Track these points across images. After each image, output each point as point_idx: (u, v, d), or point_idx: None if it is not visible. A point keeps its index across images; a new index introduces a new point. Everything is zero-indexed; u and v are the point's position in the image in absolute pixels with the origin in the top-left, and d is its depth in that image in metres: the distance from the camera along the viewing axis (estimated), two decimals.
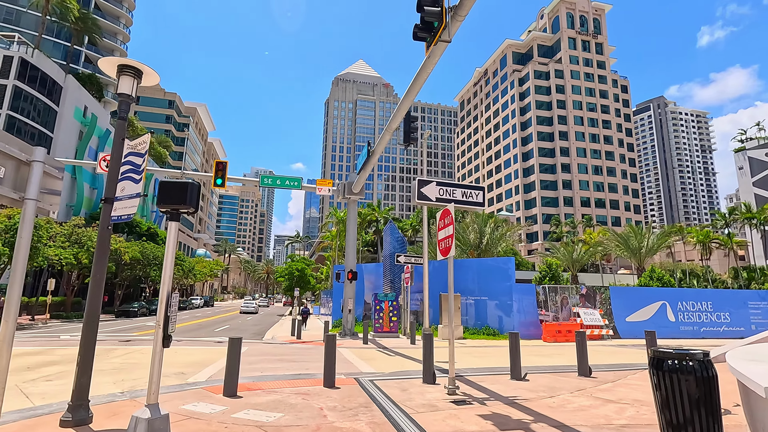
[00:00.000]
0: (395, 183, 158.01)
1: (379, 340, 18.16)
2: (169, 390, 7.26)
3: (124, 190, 5.67)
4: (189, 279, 65.95)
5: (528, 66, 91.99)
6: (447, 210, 7.68)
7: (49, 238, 30.04)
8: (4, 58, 41.16)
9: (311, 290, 65.82)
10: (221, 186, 18.82)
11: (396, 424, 5.37)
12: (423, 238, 20.29)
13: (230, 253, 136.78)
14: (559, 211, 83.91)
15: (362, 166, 18.01)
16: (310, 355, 13.00)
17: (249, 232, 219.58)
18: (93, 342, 5.59)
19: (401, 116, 12.05)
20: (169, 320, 4.91)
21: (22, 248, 3.88)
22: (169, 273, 5.03)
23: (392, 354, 13.57)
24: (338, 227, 53.22)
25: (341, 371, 9.31)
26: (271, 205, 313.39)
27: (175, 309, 5.06)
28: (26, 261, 3.94)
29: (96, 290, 5.59)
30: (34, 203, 3.97)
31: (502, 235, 26.81)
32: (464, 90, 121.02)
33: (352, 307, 20.20)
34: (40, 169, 4.05)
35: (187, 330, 24.17)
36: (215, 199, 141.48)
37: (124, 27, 72.61)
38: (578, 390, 7.57)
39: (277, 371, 9.65)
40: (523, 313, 19.79)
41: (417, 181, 7.80)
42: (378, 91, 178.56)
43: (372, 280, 27.05)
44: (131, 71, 6.08)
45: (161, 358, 4.87)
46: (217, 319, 35.91)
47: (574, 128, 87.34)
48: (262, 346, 16.10)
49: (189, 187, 5.20)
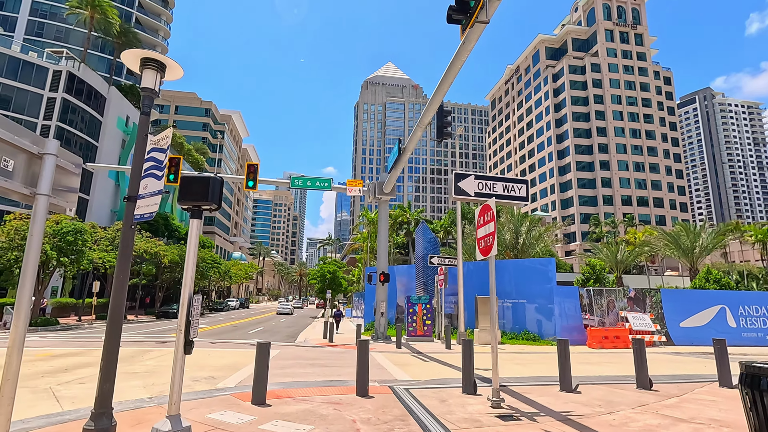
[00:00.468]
0: (425, 184, 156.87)
1: (413, 345, 17.58)
2: (197, 396, 7.01)
3: (147, 187, 5.42)
4: (225, 281, 67.61)
5: (562, 61, 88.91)
6: (487, 205, 7.05)
7: (93, 243, 31.34)
8: (54, 73, 43.58)
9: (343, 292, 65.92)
10: (253, 188, 18.86)
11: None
12: (457, 239, 19.58)
13: (264, 256, 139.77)
14: (598, 210, 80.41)
15: (393, 165, 17.53)
16: (343, 360, 12.60)
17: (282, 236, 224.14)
18: (116, 347, 5.34)
19: (434, 110, 11.48)
20: (190, 325, 4.58)
21: (33, 247, 3.61)
22: (190, 274, 4.72)
23: (427, 359, 12.97)
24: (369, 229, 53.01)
25: (374, 378, 8.83)
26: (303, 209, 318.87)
27: (197, 312, 4.73)
28: (37, 260, 3.67)
29: (119, 292, 5.35)
30: (46, 199, 3.71)
31: (539, 234, 25.53)
32: (495, 88, 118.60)
33: (384, 310, 19.72)
34: (52, 163, 3.79)
35: (223, 332, 24.44)
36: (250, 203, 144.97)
37: (163, 39, 75.63)
38: (640, 406, 6.73)
39: (308, 377, 9.28)
40: (565, 318, 18.67)
41: (454, 174, 7.23)
42: (407, 92, 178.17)
43: (404, 282, 26.49)
44: (154, 64, 5.85)
45: (183, 366, 4.54)
46: (252, 321, 36.36)
47: (613, 124, 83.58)
48: (294, 349, 15.88)
49: (211, 182, 4.88)
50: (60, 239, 26.13)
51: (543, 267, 19.58)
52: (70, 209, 4.36)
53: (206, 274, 49.65)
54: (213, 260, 53.32)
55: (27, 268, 3.59)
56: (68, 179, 4.27)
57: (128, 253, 5.51)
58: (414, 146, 14.79)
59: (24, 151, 3.67)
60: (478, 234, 7.42)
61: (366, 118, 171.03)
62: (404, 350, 15.52)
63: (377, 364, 11.32)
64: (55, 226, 26.91)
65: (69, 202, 4.26)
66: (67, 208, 4.29)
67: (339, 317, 25.10)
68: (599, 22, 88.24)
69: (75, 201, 4.35)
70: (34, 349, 13.66)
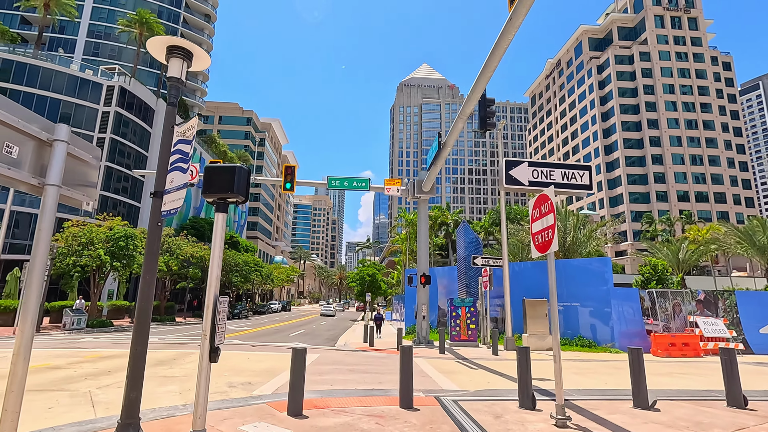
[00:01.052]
0: (464, 185, 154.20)
1: (457, 350, 16.71)
2: (232, 404, 6.63)
3: (173, 181, 5.07)
4: (268, 284, 69.11)
5: (607, 51, 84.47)
6: (544, 195, 6.23)
7: (143, 248, 32.67)
8: (107, 89, 46.25)
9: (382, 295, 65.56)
10: (290, 190, 18.75)
11: None
12: (501, 237, 18.53)
13: (305, 260, 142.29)
14: (651, 207, 75.50)
15: (432, 161, 16.80)
16: (384, 366, 12.00)
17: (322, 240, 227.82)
18: (143, 351, 5.00)
19: (476, 98, 10.69)
20: (216, 330, 4.13)
21: (41, 244, 3.26)
22: (215, 274, 4.28)
23: (474, 366, 12.11)
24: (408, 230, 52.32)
25: (419, 387, 8.17)
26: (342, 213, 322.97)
27: (223, 316, 4.28)
28: (46, 257, 3.32)
29: (146, 293, 5.02)
30: (56, 190, 3.35)
31: (590, 233, 23.72)
32: (535, 84, 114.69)
33: (426, 314, 18.97)
34: (63, 150, 3.44)
35: (264, 334, 24.56)
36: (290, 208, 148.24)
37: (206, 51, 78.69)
38: (738, 430, 5.66)
39: (347, 384, 8.75)
40: (624, 322, 17.13)
41: (504, 162, 6.47)
42: (443, 93, 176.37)
43: (445, 284, 25.59)
44: (180, 53, 5.51)
45: (208, 375, 4.10)
46: (293, 324, 36.60)
47: (665, 115, 78.33)
48: (334, 353, 15.47)
49: (237, 172, 4.43)
50: (113, 244, 27.33)
51: (598, 267, 18.10)
52: (88, 203, 4.02)
53: (249, 277, 50.77)
54: (255, 264, 54.52)
55: (34, 265, 3.24)
56: (85, 171, 3.93)
57: (155, 251, 5.18)
58: (454, 140, 14.02)
59: (31, 137, 3.33)
60: (532, 229, 6.60)
61: (402, 120, 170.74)
62: (448, 356, 14.72)
63: (420, 371, 10.64)
64: (108, 232, 28.21)
65: (86, 196, 3.92)
66: (85, 202, 3.95)
67: (380, 321, 24.48)
68: (648, 8, 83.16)
69: (95, 195, 4.01)
70: (85, 351, 14.05)
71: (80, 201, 3.84)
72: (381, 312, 25.82)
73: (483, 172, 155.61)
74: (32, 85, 42.45)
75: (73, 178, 3.73)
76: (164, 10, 71.02)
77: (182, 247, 36.64)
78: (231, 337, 22.06)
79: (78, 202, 3.84)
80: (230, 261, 46.21)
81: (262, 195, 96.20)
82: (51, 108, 42.92)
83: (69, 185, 3.66)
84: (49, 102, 42.90)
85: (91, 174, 3.96)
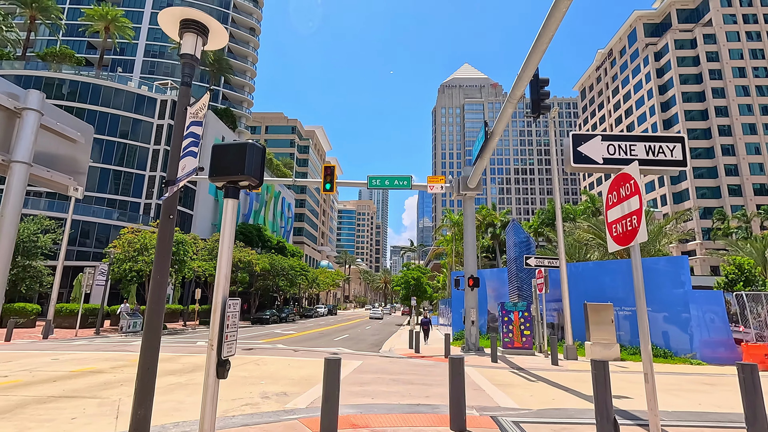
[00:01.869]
0: (509, 185, 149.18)
1: (511, 358, 15.36)
2: (262, 419, 5.96)
3: (185, 167, 4.47)
4: (314, 288, 69.90)
5: (666, 36, 78.45)
6: (624, 175, 5.05)
7: (194, 253, 33.73)
8: (161, 102, 48.77)
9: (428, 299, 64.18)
10: (330, 191, 18.25)
11: None
12: (557, 236, 16.96)
13: (350, 264, 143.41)
14: (722, 202, 68.85)
15: (478, 154, 15.62)
16: (431, 376, 11.01)
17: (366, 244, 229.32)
18: (153, 362, 4.41)
19: (528, 78, 9.52)
20: (224, 339, 3.40)
21: (4, 233, 2.67)
22: (224, 272, 3.57)
23: (532, 378, 10.83)
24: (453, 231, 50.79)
25: (472, 403, 7.14)
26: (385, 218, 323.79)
27: (233, 322, 3.55)
28: (9, 249, 2.73)
29: (157, 295, 4.43)
30: (24, 168, 2.77)
31: (659, 229, 21.24)
32: (584, 77, 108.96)
33: (475, 318, 17.73)
34: (34, 121, 2.85)
35: (308, 338, 24.26)
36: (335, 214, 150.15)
37: (251, 64, 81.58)
38: None
39: (390, 398, 7.86)
40: (706, 329, 15.00)
41: (572, 136, 5.37)
42: (486, 92, 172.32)
43: (495, 287, 24.11)
44: (195, 27, 4.93)
45: (215, 394, 3.37)
46: (338, 328, 36.30)
47: (736, 101, 71.36)
48: (377, 360, 14.66)
49: (248, 150, 3.71)
50: (151, 253, 28.28)
51: (672, 267, 16.04)
52: (77, 189, 3.44)
53: (295, 282, 51.37)
54: (301, 268, 55.16)
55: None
56: (70, 149, 3.35)
57: (167, 249, 4.59)
58: (503, 128, 12.81)
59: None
60: (608, 217, 5.43)
61: (444, 122, 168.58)
62: (501, 365, 13.46)
63: (472, 382, 9.55)
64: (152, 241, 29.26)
65: (73, 180, 3.35)
66: (72, 187, 3.34)
67: (427, 326, 23.32)
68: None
69: (83, 179, 3.41)
70: (131, 354, 14.16)
71: (65, 185, 3.25)
72: (428, 316, 24.67)
73: (530, 171, 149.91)
74: (95, 103, 45.48)
75: (53, 157, 3.15)
76: None
77: None
78: (275, 341, 21.89)
79: (63, 187, 3.25)
80: (277, 265, 46.92)
81: (307, 201, 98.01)
82: (112, 123, 45.77)
83: (46, 165, 3.07)
84: (110, 117, 45.76)
85: (78, 154, 3.38)
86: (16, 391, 7.72)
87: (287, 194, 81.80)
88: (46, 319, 22.10)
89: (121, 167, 45.20)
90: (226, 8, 76.52)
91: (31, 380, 8.94)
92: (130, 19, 57.14)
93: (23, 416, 5.98)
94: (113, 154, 45.11)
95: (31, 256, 27.25)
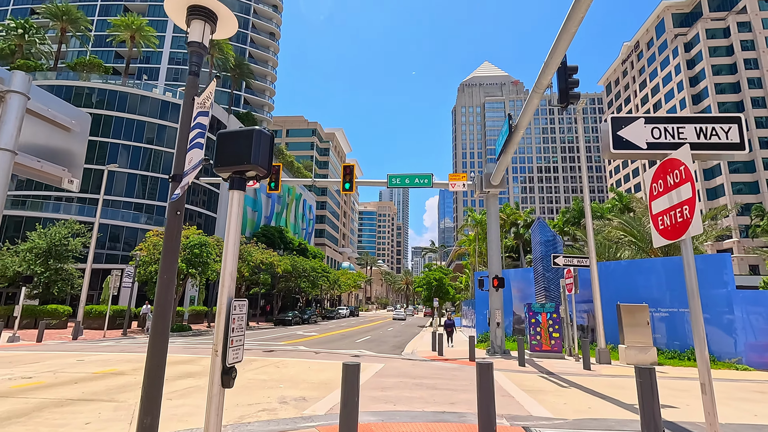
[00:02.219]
0: (533, 185, 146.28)
1: (539, 362, 14.70)
2: (278, 427, 5.67)
3: (192, 160, 4.19)
4: (335, 290, 70.01)
5: (696, 26, 75.32)
6: (672, 161, 4.52)
7: (217, 255, 34.10)
8: None
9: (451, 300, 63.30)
10: (350, 190, 18.00)
11: None
12: (587, 233, 16.19)
13: (371, 266, 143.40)
14: (761, 198, 65.46)
15: (502, 149, 15.03)
16: (456, 380, 10.54)
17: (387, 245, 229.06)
18: (160, 366, 4.14)
19: (555, 64, 8.97)
20: (229, 344, 3.08)
21: None
22: (229, 270, 3.25)
23: (564, 384, 10.22)
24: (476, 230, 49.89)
25: (501, 411, 6.67)
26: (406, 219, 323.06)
27: (240, 325, 3.23)
28: None
29: (164, 296, 4.17)
30: (8, 156, 2.52)
31: None
32: (610, 71, 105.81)
33: (501, 320, 17.12)
34: (19, 105, 2.61)
35: (330, 340, 24.06)
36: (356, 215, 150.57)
37: (272, 68, 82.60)
38: None
39: (413, 404, 7.46)
40: (753, 332, 13.97)
41: (610, 119, 4.87)
42: (506, 90, 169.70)
43: (520, 287, 23.36)
44: (203, 13, 4.69)
45: (220, 405, 3.05)
46: (360, 329, 36.05)
47: None
48: (399, 363, 14.26)
49: (255, 137, 3.38)
50: (188, 252, 28.64)
51: (712, 266, 15.04)
52: (71, 181, 3.20)
53: (317, 283, 51.47)
54: (323, 269, 55.27)
55: None
56: (64, 138, 3.10)
57: (175, 247, 4.34)
58: (528, 120, 12.21)
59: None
60: (652, 209, 4.88)
61: (464, 121, 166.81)
62: (530, 369, 12.85)
63: (499, 387, 9.05)
64: (184, 241, 29.67)
65: (67, 171, 3.10)
66: (66, 179, 3.10)
67: (451, 328, 22.73)
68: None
69: (78, 171, 3.15)
70: None
71: (58, 177, 3.01)
72: (452, 318, 24.08)
73: (554, 169, 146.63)
74: (122, 110, 46.75)
75: (44, 145, 2.91)
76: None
77: (252, 254, 37.82)
78: (297, 342, 21.77)
79: (56, 179, 3.01)
80: (298, 267, 47.11)
81: (328, 203, 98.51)
82: (138, 129, 46.96)
83: (36, 154, 2.83)
84: (136, 124, 46.95)
85: (73, 143, 3.13)
86: (36, 393, 7.69)
87: (308, 196, 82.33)
88: (76, 320, 22.63)
89: (148, 172, 46.28)
90: (246, 14, 77.77)
91: (54, 381, 8.95)
92: (154, 28, 58.60)
93: (38, 420, 5.87)
94: (140, 159, 46.25)
95: (62, 260, 28.05)
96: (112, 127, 45.70)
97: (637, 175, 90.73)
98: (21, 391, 7.86)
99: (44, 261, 26.99)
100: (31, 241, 27.34)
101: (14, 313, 20.54)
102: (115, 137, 45.54)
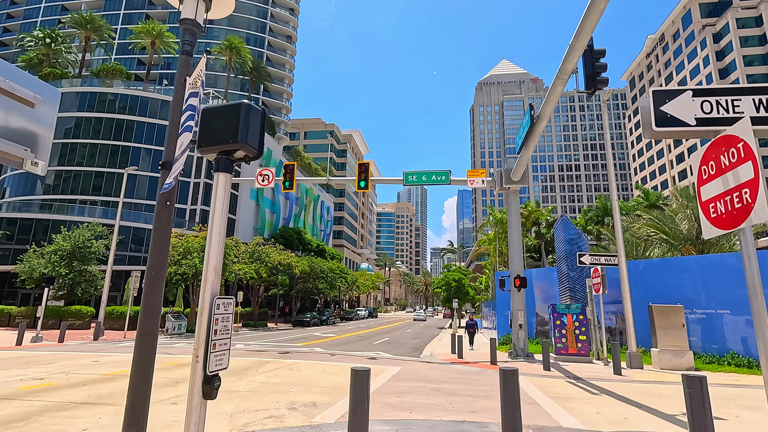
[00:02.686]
0: (553, 183, 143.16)
1: (565, 366, 13.95)
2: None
3: (182, 145, 3.83)
4: (353, 291, 69.80)
5: (726, 15, 72.28)
6: (727, 138, 3.90)
7: (235, 256, 34.24)
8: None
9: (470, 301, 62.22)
10: (365, 188, 17.60)
11: None
12: (615, 229, 15.34)
13: (390, 267, 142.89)
14: None
15: (523, 142, 14.35)
16: (477, 385, 9.97)
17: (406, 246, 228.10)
18: (147, 372, 3.77)
19: (582, 47, 8.33)
20: (210, 349, 2.66)
21: None
22: (213, 264, 2.84)
23: (594, 390, 9.53)
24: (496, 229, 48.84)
25: (527, 421, 6.10)
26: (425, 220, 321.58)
27: (224, 327, 2.81)
28: None
29: (151, 295, 3.80)
30: None
31: None
32: (634, 65, 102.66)
33: (523, 322, 16.40)
34: None
35: (347, 342, 23.69)
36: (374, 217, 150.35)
37: (289, 71, 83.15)
38: None
39: (430, 412, 6.95)
40: None
41: (652, 93, 4.28)
42: (525, 87, 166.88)
43: (543, 288, 22.51)
44: None
45: (201, 419, 2.64)
46: (378, 331, 35.61)
47: None
48: (417, 366, 13.74)
49: (243, 112, 2.97)
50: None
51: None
52: (36, 163, 2.83)
53: (335, 284, 51.28)
54: (341, 270, 55.07)
55: None
56: (26, 115, 2.76)
57: (164, 241, 3.97)
58: (551, 110, 11.53)
59: None
60: (701, 195, 4.26)
61: (483, 120, 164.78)
62: (555, 373, 12.15)
63: (524, 394, 8.44)
64: (202, 242, 29.84)
65: (29, 151, 2.75)
66: (28, 160, 2.74)
67: (473, 329, 21.99)
68: None
69: (45, 152, 2.80)
70: (170, 357, 14.08)
71: (19, 158, 2.64)
72: (473, 318, 23.35)
73: (575, 167, 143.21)
74: (143, 114, 47.65)
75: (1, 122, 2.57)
76: (251, 36, 76.46)
77: (270, 255, 37.85)
78: (313, 344, 21.47)
79: (17, 160, 2.64)
80: (316, 268, 46.99)
81: (346, 204, 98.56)
82: (159, 133, 47.75)
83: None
84: (157, 128, 47.77)
85: (37, 120, 2.78)
86: (42, 396, 7.51)
87: (326, 198, 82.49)
88: (97, 321, 22.90)
89: None
90: (264, 17, 78.49)
91: (64, 383, 8.80)
92: (174, 35, 59.66)
93: (35, 425, 5.62)
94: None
95: (86, 261, 28.56)
96: (134, 131, 46.63)
97: (663, 172, 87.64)
98: (28, 393, 7.70)
99: (68, 263, 27.52)
100: (56, 244, 27.92)
101: (37, 313, 20.88)
102: (137, 141, 46.45)
